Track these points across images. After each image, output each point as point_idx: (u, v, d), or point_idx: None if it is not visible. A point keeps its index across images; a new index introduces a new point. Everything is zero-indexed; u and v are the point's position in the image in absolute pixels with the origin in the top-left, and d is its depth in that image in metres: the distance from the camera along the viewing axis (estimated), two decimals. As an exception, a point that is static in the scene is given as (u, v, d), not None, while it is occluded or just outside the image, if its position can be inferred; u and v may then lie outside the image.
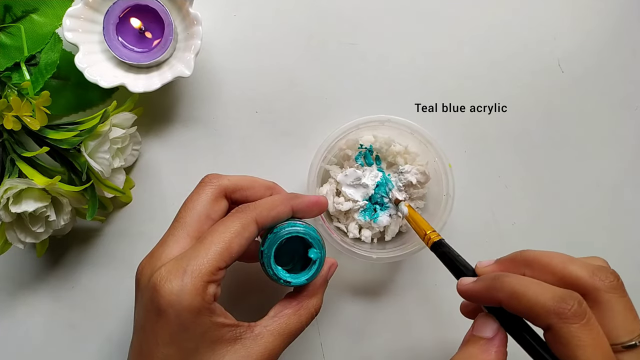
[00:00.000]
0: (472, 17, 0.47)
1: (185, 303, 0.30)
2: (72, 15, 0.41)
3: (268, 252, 0.34)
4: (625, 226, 0.47)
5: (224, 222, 0.33)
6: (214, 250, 0.32)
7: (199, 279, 0.31)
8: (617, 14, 0.48)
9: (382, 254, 0.41)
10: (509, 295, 0.29)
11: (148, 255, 0.34)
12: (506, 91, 0.47)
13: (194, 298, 0.30)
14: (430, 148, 0.42)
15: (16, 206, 0.37)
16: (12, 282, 0.45)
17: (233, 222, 0.33)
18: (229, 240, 0.32)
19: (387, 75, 0.47)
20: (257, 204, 0.35)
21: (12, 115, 0.37)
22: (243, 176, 0.38)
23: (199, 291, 0.31)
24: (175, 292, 0.30)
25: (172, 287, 0.30)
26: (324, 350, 0.45)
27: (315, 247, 0.35)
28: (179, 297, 0.30)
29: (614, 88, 0.47)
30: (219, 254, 0.32)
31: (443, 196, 0.42)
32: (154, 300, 0.31)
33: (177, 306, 0.30)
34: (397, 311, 0.46)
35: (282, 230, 0.35)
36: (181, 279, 0.31)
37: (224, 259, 0.32)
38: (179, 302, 0.30)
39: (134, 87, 0.42)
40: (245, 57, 0.47)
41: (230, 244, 0.32)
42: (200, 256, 0.31)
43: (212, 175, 0.37)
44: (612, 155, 0.47)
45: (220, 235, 0.32)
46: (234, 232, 0.32)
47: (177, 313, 0.30)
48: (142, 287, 0.33)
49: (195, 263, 0.31)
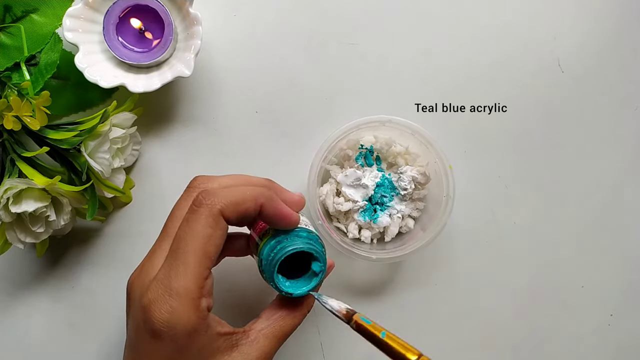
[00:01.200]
0: (472, 17, 0.47)
1: (179, 327, 0.29)
2: (72, 15, 0.41)
3: (270, 266, 0.33)
4: (625, 226, 0.47)
5: (190, 225, 0.30)
6: (192, 262, 0.30)
7: (188, 299, 0.29)
8: (617, 14, 0.48)
9: (382, 254, 0.41)
10: None
11: (138, 269, 0.33)
12: (506, 91, 0.47)
13: (187, 320, 0.29)
14: (431, 149, 0.42)
15: (16, 206, 0.37)
16: (12, 282, 0.45)
17: (199, 222, 0.30)
18: (203, 246, 0.30)
19: (387, 75, 0.47)
20: (224, 196, 0.31)
21: (12, 115, 0.37)
22: (235, 177, 0.35)
23: (191, 311, 0.29)
24: (166, 318, 0.29)
25: (162, 313, 0.29)
26: (324, 350, 0.45)
27: (320, 261, 0.34)
28: (171, 322, 0.29)
29: (614, 88, 0.47)
30: (198, 265, 0.30)
31: (443, 197, 0.42)
32: (147, 323, 0.29)
33: (171, 331, 0.29)
34: (397, 311, 0.46)
35: (288, 244, 0.33)
36: (169, 302, 0.29)
37: (205, 266, 0.30)
38: (173, 327, 0.29)
39: (134, 87, 0.42)
40: (245, 57, 0.47)
41: (205, 250, 0.30)
42: (181, 274, 0.29)
43: (200, 179, 0.35)
44: (612, 155, 0.47)
45: (192, 245, 0.30)
46: (205, 237, 0.30)
47: (172, 337, 0.29)
48: (133, 304, 0.32)
49: (179, 283, 0.29)
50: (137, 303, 0.31)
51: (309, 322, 0.45)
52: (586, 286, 0.47)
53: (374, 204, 0.44)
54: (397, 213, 0.43)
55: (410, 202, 0.44)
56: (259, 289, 0.45)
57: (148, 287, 0.30)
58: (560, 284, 0.47)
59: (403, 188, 0.43)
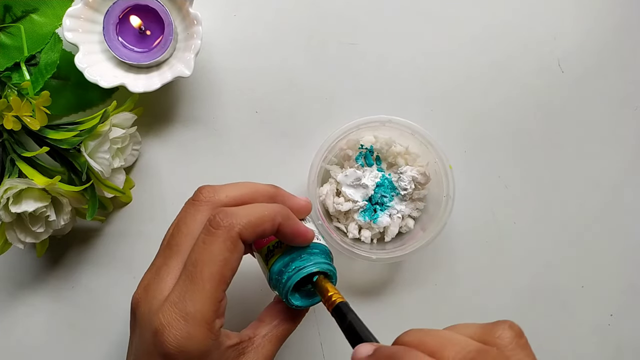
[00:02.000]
0: (472, 17, 0.47)
1: (194, 351, 0.29)
2: (72, 15, 0.41)
3: (284, 286, 0.33)
4: (625, 226, 0.47)
5: (207, 248, 0.30)
6: (209, 288, 0.29)
7: (204, 322, 0.29)
8: (617, 14, 0.48)
9: (382, 254, 0.41)
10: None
11: (142, 287, 0.32)
12: (506, 91, 0.47)
13: (202, 343, 0.29)
14: (431, 149, 0.42)
15: (16, 206, 0.37)
16: (12, 282, 0.45)
17: (217, 245, 0.30)
18: (220, 270, 0.30)
19: (387, 75, 0.47)
20: (242, 217, 0.30)
21: (12, 115, 0.37)
22: (241, 185, 0.34)
23: (206, 334, 0.30)
24: (181, 344, 0.29)
25: (177, 338, 0.29)
26: (324, 350, 0.45)
27: (333, 279, 0.34)
28: (186, 348, 0.29)
29: (614, 88, 0.47)
30: (215, 289, 0.30)
31: (443, 197, 0.42)
32: (159, 347, 0.29)
33: (185, 355, 0.29)
34: (397, 311, 0.46)
35: (302, 265, 0.33)
36: (185, 328, 0.29)
37: (221, 289, 0.30)
38: (188, 352, 0.29)
39: (134, 87, 0.42)
40: (245, 57, 0.47)
41: (222, 274, 0.30)
42: (197, 299, 0.29)
43: (207, 191, 0.34)
44: (612, 155, 0.47)
45: (209, 269, 0.30)
46: (223, 261, 0.30)
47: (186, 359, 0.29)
48: (141, 325, 0.31)
49: (196, 308, 0.29)
50: (147, 325, 0.30)
51: (309, 322, 0.45)
52: (586, 286, 0.47)
53: (374, 204, 0.44)
54: (397, 213, 0.43)
55: (410, 202, 0.44)
56: (257, 287, 0.45)
57: (159, 309, 0.30)
58: (560, 284, 0.47)
59: (403, 188, 0.43)
